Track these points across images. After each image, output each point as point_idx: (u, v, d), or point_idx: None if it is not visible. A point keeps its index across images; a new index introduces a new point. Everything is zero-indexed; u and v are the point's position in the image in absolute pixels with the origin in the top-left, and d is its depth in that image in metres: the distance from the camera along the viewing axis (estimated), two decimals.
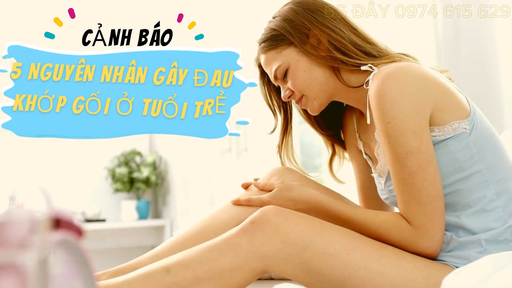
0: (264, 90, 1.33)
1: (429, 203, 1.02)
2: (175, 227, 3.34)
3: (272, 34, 1.21)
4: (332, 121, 1.36)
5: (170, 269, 1.02)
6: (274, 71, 1.21)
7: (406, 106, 1.03)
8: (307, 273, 1.01)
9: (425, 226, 1.02)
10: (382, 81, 1.05)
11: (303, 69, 1.18)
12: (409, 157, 1.02)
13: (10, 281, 0.44)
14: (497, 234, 1.04)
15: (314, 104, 1.21)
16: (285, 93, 1.23)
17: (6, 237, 0.46)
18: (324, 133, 1.35)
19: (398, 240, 1.05)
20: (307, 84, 1.19)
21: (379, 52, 1.16)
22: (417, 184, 1.02)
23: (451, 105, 1.07)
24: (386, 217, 1.08)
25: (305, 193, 1.18)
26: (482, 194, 1.06)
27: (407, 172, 1.03)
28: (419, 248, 1.03)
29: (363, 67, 1.13)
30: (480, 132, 1.08)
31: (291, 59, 1.19)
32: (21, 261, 0.45)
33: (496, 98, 1.95)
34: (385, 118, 1.04)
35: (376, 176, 1.23)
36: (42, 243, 0.46)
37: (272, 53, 1.21)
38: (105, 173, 3.52)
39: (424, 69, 1.08)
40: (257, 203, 1.22)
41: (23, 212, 0.48)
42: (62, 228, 0.49)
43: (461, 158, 1.06)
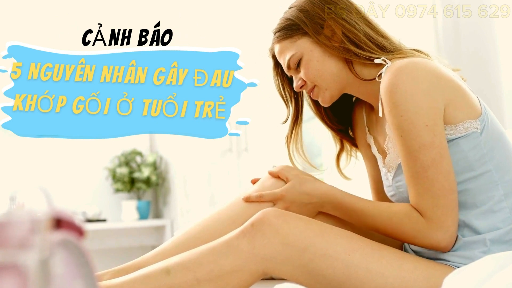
0: (277, 81, 1.33)
1: (442, 196, 1.01)
2: (175, 227, 3.34)
3: (287, 23, 1.21)
4: (342, 115, 1.35)
5: (170, 271, 1.02)
6: (288, 60, 1.21)
7: (419, 100, 1.02)
8: (308, 275, 1.01)
9: (439, 219, 1.02)
10: (395, 75, 1.05)
11: (316, 59, 1.18)
12: (422, 151, 1.02)
13: (11, 281, 0.43)
14: (503, 235, 1.04)
15: (326, 94, 1.21)
16: (297, 83, 1.23)
17: (7, 237, 0.46)
18: (334, 127, 1.35)
19: (412, 232, 1.04)
20: (320, 74, 1.19)
21: (393, 46, 1.16)
22: (430, 177, 1.01)
23: (463, 103, 1.06)
24: (399, 208, 1.07)
25: (319, 187, 1.18)
26: (490, 194, 1.05)
27: (420, 165, 1.02)
28: (433, 240, 1.03)
29: (376, 60, 1.13)
30: (491, 132, 1.08)
31: (305, 49, 1.19)
32: (22, 261, 0.45)
33: (496, 98, 1.95)
34: (397, 112, 1.04)
35: (384, 171, 1.22)
36: (43, 243, 0.46)
37: (286, 42, 1.21)
38: (105, 173, 3.52)
39: (438, 66, 1.08)
40: (269, 198, 1.21)
41: (23, 212, 0.48)
42: (63, 228, 0.49)
43: (472, 158, 1.05)
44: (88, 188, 3.52)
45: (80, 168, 3.50)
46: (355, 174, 1.39)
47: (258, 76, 1.32)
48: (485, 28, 1.98)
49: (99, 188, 3.54)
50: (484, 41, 1.98)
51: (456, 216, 1.03)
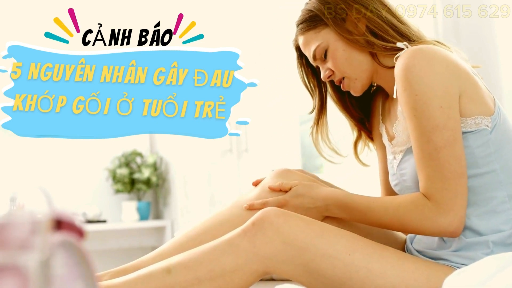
0: (301, 72, 1.33)
1: (453, 179, 1.00)
2: (176, 228, 3.34)
3: (310, 15, 1.21)
4: (364, 102, 1.35)
5: (171, 270, 1.02)
6: (313, 51, 1.21)
7: (435, 81, 1.02)
8: (309, 274, 1.01)
9: (447, 203, 1.00)
10: (412, 55, 1.04)
11: (343, 49, 1.18)
12: (435, 132, 1.01)
13: (12, 282, 0.43)
14: (506, 237, 1.03)
15: (357, 84, 1.20)
16: (324, 73, 1.22)
17: (7, 238, 0.46)
18: (356, 114, 1.34)
19: (419, 220, 1.03)
20: (348, 63, 1.18)
21: (413, 33, 1.16)
22: (442, 159, 1.00)
23: (477, 98, 1.06)
24: (404, 198, 1.07)
25: (322, 190, 1.18)
26: (493, 194, 1.05)
27: (433, 146, 1.01)
28: (441, 225, 1.01)
29: (398, 44, 1.12)
30: (501, 132, 1.07)
31: (330, 38, 1.18)
32: (22, 263, 0.44)
33: (496, 98, 1.95)
34: (412, 91, 1.03)
35: (390, 159, 1.21)
36: (43, 244, 0.46)
37: (310, 33, 1.21)
38: (105, 174, 3.52)
39: (456, 57, 1.08)
40: (273, 205, 1.19)
41: (24, 213, 0.47)
42: (63, 229, 0.49)
43: (478, 155, 1.05)
44: (88, 189, 3.52)
45: (80, 169, 3.50)
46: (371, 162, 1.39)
47: (258, 76, 1.32)
48: (485, 28, 1.98)
49: (99, 189, 3.54)
50: (484, 41, 1.98)
51: (465, 201, 1.01)
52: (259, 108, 2.93)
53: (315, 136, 1.32)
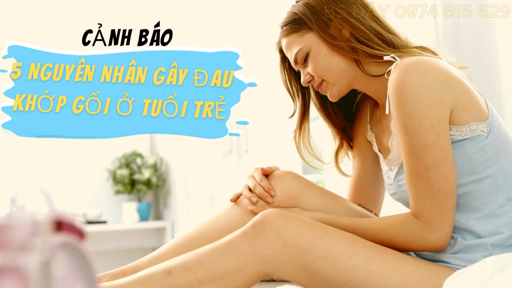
0: (284, 75, 1.32)
1: (441, 198, 1.01)
2: (176, 229, 3.34)
3: (294, 18, 1.20)
4: (348, 110, 1.34)
5: (171, 272, 1.02)
6: (295, 54, 1.20)
7: (426, 99, 1.01)
8: (309, 276, 1.01)
9: (435, 221, 1.01)
10: (404, 72, 1.04)
11: (324, 54, 1.17)
12: (425, 151, 1.01)
13: (12, 283, 0.43)
14: (504, 239, 1.03)
15: (334, 89, 1.20)
16: (305, 77, 1.22)
17: (8, 239, 0.46)
18: (338, 122, 1.33)
19: (407, 238, 1.04)
20: (327, 69, 1.17)
21: (400, 42, 1.15)
22: (431, 178, 1.01)
23: (471, 105, 1.05)
24: (391, 219, 1.08)
25: (307, 214, 1.17)
26: (493, 198, 1.05)
27: (422, 165, 1.02)
28: (429, 242, 1.02)
29: (386, 57, 1.12)
30: (497, 136, 1.07)
31: (313, 43, 1.18)
32: (23, 264, 0.44)
33: (496, 99, 1.95)
34: (404, 109, 1.02)
35: (385, 170, 1.21)
36: (43, 245, 0.46)
37: (293, 36, 1.20)
38: (106, 174, 3.52)
39: (446, 65, 1.08)
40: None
41: (24, 214, 0.47)
42: (63, 230, 0.49)
43: (476, 161, 1.05)
44: (89, 190, 3.52)
45: (80, 169, 3.50)
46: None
47: (258, 76, 1.31)
48: (485, 28, 1.98)
49: (99, 190, 3.54)
50: (484, 41, 1.98)
51: (452, 218, 1.03)
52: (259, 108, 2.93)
53: (297, 141, 1.31)
